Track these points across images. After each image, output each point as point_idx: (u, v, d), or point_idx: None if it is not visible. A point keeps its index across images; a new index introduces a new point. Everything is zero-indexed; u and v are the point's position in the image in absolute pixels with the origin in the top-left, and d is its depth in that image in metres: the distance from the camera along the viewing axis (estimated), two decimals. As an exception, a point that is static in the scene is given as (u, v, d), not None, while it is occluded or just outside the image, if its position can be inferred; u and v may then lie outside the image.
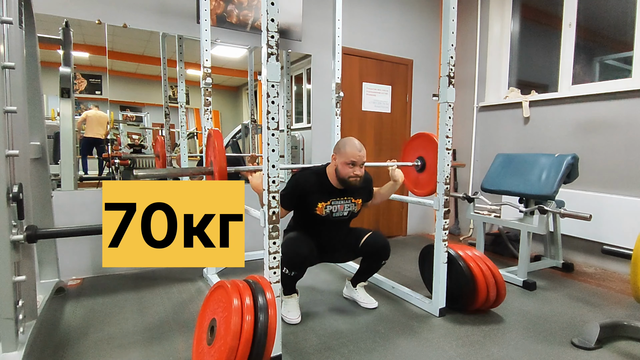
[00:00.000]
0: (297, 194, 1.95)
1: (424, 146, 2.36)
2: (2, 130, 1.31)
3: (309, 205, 1.96)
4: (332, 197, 1.98)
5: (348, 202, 2.03)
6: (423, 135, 2.38)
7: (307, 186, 1.95)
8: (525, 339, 1.80)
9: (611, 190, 2.76)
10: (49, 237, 1.67)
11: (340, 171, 1.93)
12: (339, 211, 2.01)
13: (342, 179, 1.93)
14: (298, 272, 1.92)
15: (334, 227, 2.05)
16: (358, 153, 1.89)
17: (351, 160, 1.89)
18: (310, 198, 1.95)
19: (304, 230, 2.02)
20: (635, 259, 1.46)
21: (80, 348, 1.68)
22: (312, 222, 2.01)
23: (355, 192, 2.06)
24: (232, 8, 2.90)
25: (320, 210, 1.96)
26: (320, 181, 1.98)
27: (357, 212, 2.11)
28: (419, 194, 2.43)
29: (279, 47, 1.44)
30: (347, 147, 1.90)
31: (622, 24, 2.89)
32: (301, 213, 2.03)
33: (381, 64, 3.65)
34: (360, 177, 1.93)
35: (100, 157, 2.68)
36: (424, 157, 2.37)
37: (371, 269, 2.16)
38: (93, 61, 2.58)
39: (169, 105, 2.85)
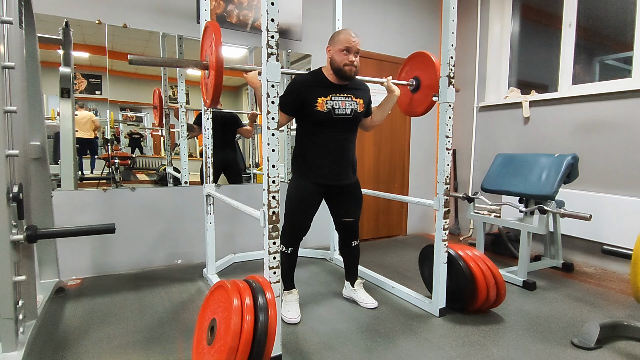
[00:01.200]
0: (295, 93, 1.89)
1: (418, 65, 2.26)
2: (2, 130, 1.31)
3: (310, 103, 1.88)
4: (331, 92, 1.92)
5: (349, 99, 1.96)
6: (419, 54, 2.26)
7: (306, 83, 1.91)
8: (525, 339, 1.80)
9: (611, 190, 2.76)
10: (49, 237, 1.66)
11: (335, 60, 1.88)
12: (341, 108, 1.93)
13: (337, 69, 1.88)
14: (294, 247, 2.02)
15: (339, 133, 1.97)
16: (352, 39, 1.86)
17: (345, 46, 1.85)
18: (310, 94, 1.88)
19: (309, 147, 1.97)
20: (635, 259, 1.46)
21: (80, 348, 1.68)
22: (316, 128, 1.93)
23: (356, 91, 2.01)
24: (232, 8, 2.90)
25: (322, 106, 1.88)
26: (317, 78, 1.94)
27: (360, 113, 2.01)
28: (413, 114, 2.35)
29: (279, 47, 1.44)
30: (340, 34, 1.88)
31: (622, 24, 2.89)
32: (303, 120, 1.96)
33: (381, 64, 3.65)
34: (356, 66, 1.89)
35: (93, 156, 2.68)
36: (418, 76, 2.27)
37: (350, 255, 2.20)
38: (93, 61, 2.58)
39: (169, 106, 2.85)
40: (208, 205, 2.46)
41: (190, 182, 2.91)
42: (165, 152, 2.92)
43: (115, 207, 2.65)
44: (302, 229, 2.02)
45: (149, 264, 2.77)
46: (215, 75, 1.61)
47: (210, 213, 2.47)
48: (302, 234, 2.03)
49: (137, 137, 2.83)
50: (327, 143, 1.96)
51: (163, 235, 2.81)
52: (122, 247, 2.68)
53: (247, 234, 3.10)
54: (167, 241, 2.83)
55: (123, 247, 2.68)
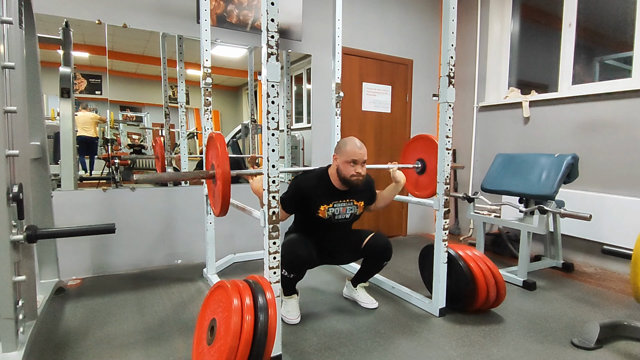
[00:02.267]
0: (298, 197, 1.94)
1: (423, 148, 2.36)
2: (2, 130, 1.31)
3: (311, 208, 1.95)
4: (334, 200, 1.98)
5: (350, 204, 2.03)
6: (423, 137, 2.38)
7: (309, 189, 1.95)
8: (525, 339, 1.80)
9: (611, 190, 2.76)
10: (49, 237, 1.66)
11: (341, 171, 1.92)
12: (341, 214, 2.01)
13: (344, 179, 1.93)
14: (297, 274, 1.92)
15: (336, 230, 2.05)
16: (359, 151, 1.90)
17: (352, 158, 1.88)
18: (313, 201, 1.94)
19: (305, 232, 2.02)
20: (635, 259, 1.46)
21: (80, 348, 1.68)
22: (313, 224, 2.00)
23: (358, 194, 2.05)
24: (232, 8, 2.90)
25: (323, 213, 1.95)
26: (322, 183, 1.98)
27: (359, 215, 2.10)
28: (419, 196, 2.43)
29: (279, 47, 1.44)
30: (347, 146, 1.91)
31: (622, 24, 2.89)
32: (303, 216, 2.02)
33: (381, 64, 3.65)
34: (363, 176, 1.93)
35: (92, 157, 2.68)
36: (424, 159, 2.37)
37: (373, 269, 2.15)
38: (93, 61, 2.58)
39: (169, 105, 2.85)
40: (208, 205, 2.46)
41: (190, 182, 2.91)
42: (165, 152, 2.91)
43: (115, 207, 2.65)
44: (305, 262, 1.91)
45: (149, 264, 2.77)
46: (223, 186, 1.61)
47: (210, 213, 2.47)
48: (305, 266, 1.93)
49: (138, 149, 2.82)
50: (325, 235, 2.03)
51: (163, 235, 2.81)
52: (122, 247, 2.67)
53: (247, 234, 3.09)
54: (167, 241, 2.83)
55: (123, 247, 2.68)
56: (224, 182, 1.60)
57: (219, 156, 1.62)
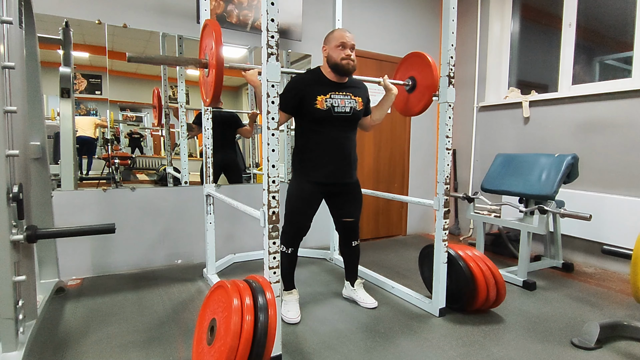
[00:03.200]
0: (295, 90, 1.90)
1: (415, 66, 2.27)
2: (2, 130, 1.31)
3: (309, 102, 1.90)
4: (330, 91, 1.93)
5: (348, 97, 1.97)
6: (415, 54, 2.27)
7: (304, 82, 1.93)
8: (525, 339, 1.80)
9: (611, 190, 2.76)
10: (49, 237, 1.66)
11: (332, 56, 1.91)
12: (340, 106, 1.94)
13: (335, 64, 1.90)
14: (295, 247, 2.02)
15: (339, 132, 1.97)
16: (346, 34, 1.89)
17: (340, 41, 1.88)
18: (309, 93, 1.90)
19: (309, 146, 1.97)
20: (635, 259, 1.46)
21: (80, 348, 1.68)
22: (316, 127, 1.94)
23: (354, 90, 2.02)
24: (232, 8, 2.90)
25: (321, 104, 1.90)
26: (316, 77, 1.96)
27: (359, 112, 2.02)
28: (409, 113, 2.36)
29: (279, 47, 1.44)
30: (334, 32, 1.92)
31: (622, 24, 2.89)
32: (303, 119, 1.96)
33: (381, 64, 3.65)
34: (353, 60, 1.91)
35: (90, 157, 2.68)
36: (414, 76, 2.28)
37: (350, 255, 2.20)
38: (93, 61, 2.58)
39: (169, 106, 2.85)
40: (208, 205, 2.46)
41: (190, 182, 2.91)
42: (165, 152, 2.92)
43: (115, 207, 2.65)
44: (303, 228, 2.02)
45: (149, 264, 2.77)
46: (216, 74, 1.61)
47: (210, 213, 2.47)
48: (302, 234, 2.03)
49: (137, 137, 2.83)
50: (327, 141, 1.96)
51: (163, 235, 2.81)
52: (122, 247, 2.68)
53: (247, 234, 3.09)
54: (167, 241, 2.83)
55: (123, 247, 2.68)
56: (217, 69, 1.60)
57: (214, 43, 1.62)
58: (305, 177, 2.00)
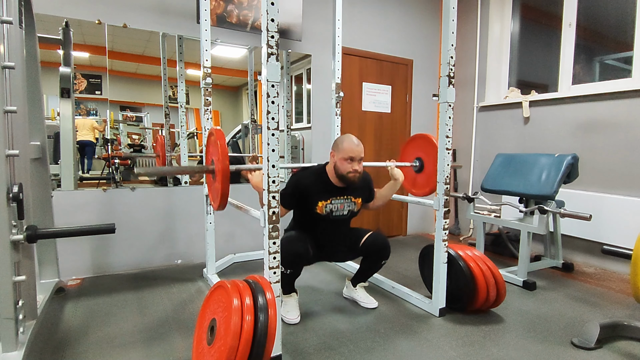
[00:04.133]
0: (297, 193, 1.96)
1: (422, 147, 2.37)
2: (2, 130, 1.31)
3: (309, 205, 1.96)
4: (332, 196, 1.99)
5: (348, 201, 2.04)
6: (422, 136, 2.38)
7: (308, 185, 1.96)
8: (525, 339, 1.80)
9: (611, 190, 2.76)
10: (49, 237, 1.66)
11: (339, 167, 1.94)
12: (339, 210, 2.02)
13: (341, 175, 1.94)
14: (294, 270, 1.93)
15: (334, 226, 2.06)
16: (356, 148, 1.91)
17: (349, 155, 1.90)
18: (311, 197, 1.95)
19: (304, 229, 2.03)
20: (635, 259, 1.46)
21: (80, 348, 1.68)
22: (312, 221, 2.01)
23: (355, 191, 2.06)
24: (232, 8, 2.90)
25: (321, 209, 1.97)
26: (320, 180, 1.99)
27: (356, 212, 2.11)
28: (417, 194, 2.45)
29: (279, 47, 1.44)
30: (344, 143, 1.92)
31: (622, 24, 2.89)
32: (301, 212, 2.03)
33: (381, 64, 3.65)
34: (359, 173, 1.94)
35: (90, 159, 2.68)
36: (422, 158, 2.37)
37: (371, 268, 2.16)
38: (93, 61, 2.58)
39: (169, 105, 2.85)
40: (208, 205, 2.46)
41: (191, 182, 2.91)
42: (165, 151, 2.91)
43: (115, 207, 2.65)
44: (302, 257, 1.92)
45: (149, 264, 2.77)
46: (222, 182, 1.62)
47: (210, 213, 2.47)
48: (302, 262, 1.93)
49: (137, 149, 2.83)
50: (323, 231, 2.05)
51: (163, 235, 2.81)
52: (122, 247, 2.67)
53: (247, 234, 3.09)
54: (167, 241, 2.83)
55: (123, 247, 2.68)
56: (223, 177, 1.61)
57: (219, 151, 1.62)
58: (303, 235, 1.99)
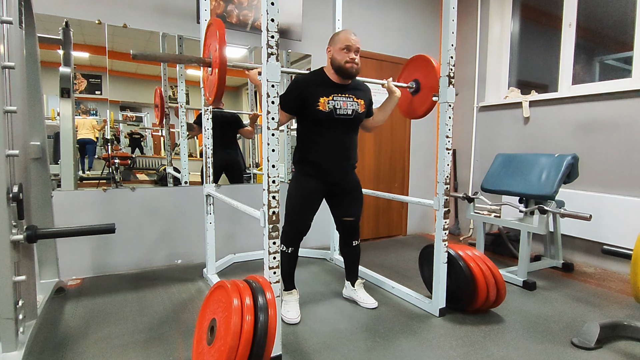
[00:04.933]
0: (297, 90, 1.90)
1: (419, 68, 2.27)
2: (2, 130, 1.31)
3: (311, 103, 1.89)
4: (333, 92, 1.93)
5: (350, 99, 1.97)
6: (420, 57, 2.28)
7: (308, 83, 1.92)
8: (525, 339, 1.80)
9: (611, 190, 2.76)
10: (49, 237, 1.66)
11: (335, 58, 1.90)
12: (342, 108, 1.94)
13: (339, 67, 1.90)
14: (294, 247, 2.01)
15: (339, 132, 1.97)
16: (351, 37, 1.88)
17: (345, 44, 1.87)
18: (311, 95, 1.89)
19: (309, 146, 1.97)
20: (635, 259, 1.46)
21: (80, 348, 1.68)
22: (316, 128, 1.94)
23: (357, 92, 2.02)
24: (232, 8, 2.90)
25: (323, 106, 1.89)
26: (319, 78, 1.95)
27: (361, 114, 2.02)
28: (413, 116, 2.37)
29: (279, 47, 1.44)
30: (340, 34, 1.91)
31: (622, 24, 2.89)
32: (304, 118, 1.96)
33: (381, 64, 3.65)
34: (357, 64, 1.90)
35: (91, 158, 2.68)
36: (418, 79, 2.29)
37: (350, 255, 2.20)
38: (93, 61, 2.58)
39: (169, 105, 2.85)
40: (208, 205, 2.46)
41: (191, 182, 2.91)
42: (165, 152, 2.92)
43: (115, 207, 2.65)
44: (303, 228, 2.02)
45: (149, 264, 2.77)
46: (219, 73, 1.62)
47: (210, 213, 2.47)
48: (302, 234, 2.03)
49: (137, 137, 2.83)
50: (328, 143, 1.96)
51: (163, 235, 2.81)
52: (122, 247, 2.67)
53: (247, 234, 3.09)
54: (167, 241, 2.83)
55: (123, 247, 2.68)
56: (221, 67, 1.60)
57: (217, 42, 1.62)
58: (305, 177, 2.00)
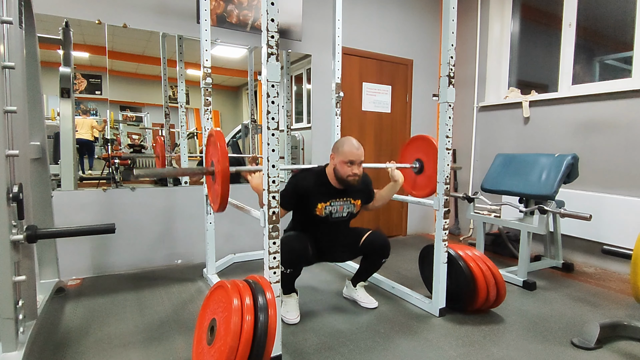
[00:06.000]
0: (297, 195, 1.95)
1: (422, 149, 2.37)
2: (2, 130, 1.31)
3: (309, 206, 1.96)
4: (331, 198, 1.99)
5: (347, 202, 2.04)
6: (421, 137, 2.38)
7: (307, 187, 1.96)
8: (525, 339, 1.80)
9: (611, 190, 2.75)
10: (49, 237, 1.66)
11: (338, 170, 1.94)
12: (338, 212, 2.02)
13: (341, 179, 1.94)
14: (294, 269, 1.93)
15: (333, 228, 2.06)
16: (356, 151, 1.90)
17: (349, 159, 1.90)
18: (310, 199, 1.95)
19: (303, 230, 2.03)
20: (635, 259, 1.46)
21: (80, 348, 1.68)
22: (311, 222, 2.01)
23: (355, 193, 2.06)
24: (232, 8, 2.90)
25: (320, 211, 1.97)
26: (319, 182, 1.99)
27: (356, 213, 2.12)
28: (417, 196, 2.44)
29: (279, 47, 1.44)
30: (344, 146, 1.92)
31: (622, 24, 2.89)
32: (300, 214, 2.03)
33: (381, 64, 3.65)
34: (359, 176, 1.94)
35: (91, 158, 2.68)
36: (422, 159, 2.37)
37: (371, 267, 2.16)
38: (93, 61, 2.58)
39: (169, 105, 2.85)
40: (208, 205, 2.46)
41: (190, 182, 2.91)
42: (165, 152, 2.91)
43: (115, 207, 2.65)
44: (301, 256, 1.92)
45: (149, 264, 2.77)
46: (222, 184, 1.62)
47: (210, 213, 2.47)
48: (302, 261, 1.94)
49: (137, 150, 2.83)
50: (323, 233, 2.05)
51: (163, 235, 2.81)
52: (122, 247, 2.67)
53: (247, 234, 3.09)
54: (167, 241, 2.83)
55: (123, 247, 2.68)
56: (223, 179, 1.61)
57: (219, 153, 1.62)
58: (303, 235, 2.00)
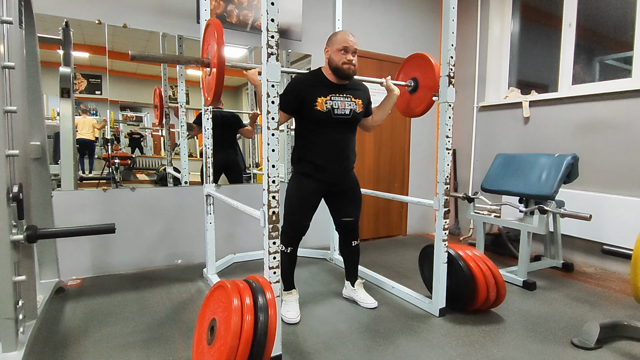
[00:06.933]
0: (295, 91, 1.90)
1: (417, 66, 2.28)
2: (2, 130, 1.31)
3: (309, 103, 1.89)
4: (330, 93, 1.93)
5: (348, 99, 1.97)
6: (416, 55, 2.29)
7: (306, 83, 1.92)
8: (525, 339, 1.80)
9: (611, 190, 2.76)
10: (49, 237, 1.66)
11: (333, 59, 1.90)
12: (340, 108, 1.94)
13: (336, 68, 1.90)
14: (294, 247, 2.01)
15: (338, 132, 1.98)
16: (349, 38, 1.88)
17: (343, 45, 1.87)
18: (309, 94, 1.90)
19: (308, 148, 1.98)
20: (635, 259, 1.46)
21: (80, 348, 1.68)
22: (315, 126, 1.94)
23: (355, 92, 2.02)
24: (232, 8, 2.90)
25: (321, 106, 1.89)
26: (317, 78, 1.96)
27: (359, 114, 2.02)
28: (411, 114, 2.37)
29: (279, 47, 1.44)
30: (337, 35, 1.91)
31: (622, 24, 2.89)
32: (303, 119, 1.96)
33: (381, 64, 3.65)
34: (354, 65, 1.91)
35: (91, 158, 2.68)
36: (417, 77, 2.29)
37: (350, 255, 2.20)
38: (93, 61, 2.58)
39: (169, 105, 2.85)
40: (208, 205, 2.46)
41: (190, 182, 2.91)
42: (165, 152, 2.92)
43: (115, 207, 2.65)
44: (302, 228, 2.02)
45: (149, 264, 2.77)
46: (217, 73, 1.62)
47: (210, 213, 2.47)
48: (301, 234, 2.03)
49: (137, 137, 2.83)
50: (326, 143, 1.96)
51: (163, 235, 2.81)
52: (122, 247, 2.67)
53: (247, 234, 3.09)
54: (167, 241, 2.83)
55: (123, 247, 2.68)
56: (219, 68, 1.61)
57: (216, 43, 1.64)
58: (304, 176, 2.00)
